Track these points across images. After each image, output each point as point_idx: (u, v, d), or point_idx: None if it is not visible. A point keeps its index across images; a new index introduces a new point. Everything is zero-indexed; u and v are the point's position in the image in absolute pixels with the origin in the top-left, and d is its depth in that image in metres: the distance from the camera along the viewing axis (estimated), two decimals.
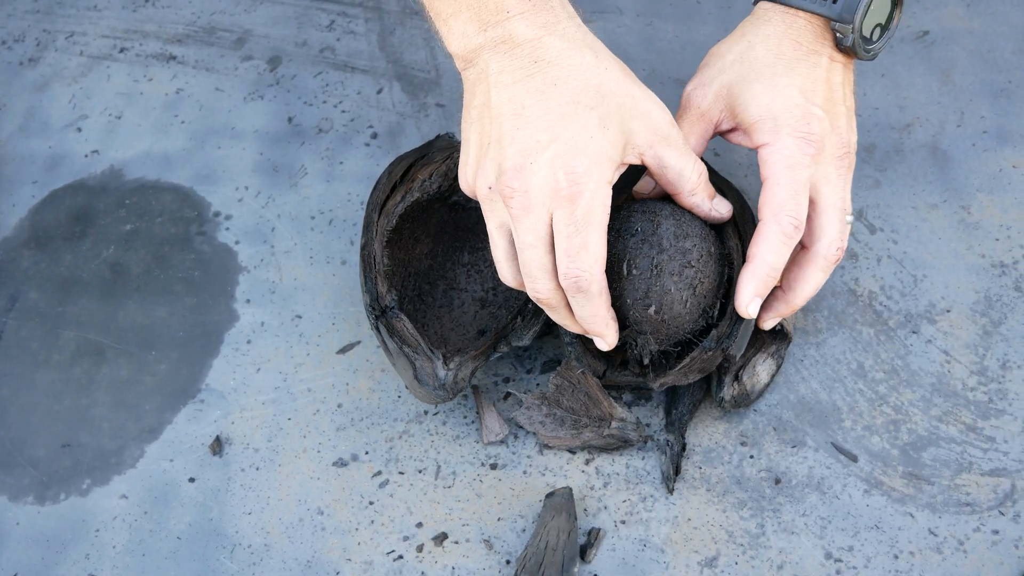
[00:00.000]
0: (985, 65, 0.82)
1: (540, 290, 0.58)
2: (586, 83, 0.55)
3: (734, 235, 0.63)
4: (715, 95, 0.63)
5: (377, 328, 0.63)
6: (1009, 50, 0.83)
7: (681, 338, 0.61)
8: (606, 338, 0.60)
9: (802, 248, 0.61)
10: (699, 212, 0.61)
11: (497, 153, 0.56)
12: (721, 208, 0.61)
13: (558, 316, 0.60)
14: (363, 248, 0.65)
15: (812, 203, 0.60)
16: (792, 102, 0.59)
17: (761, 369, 0.65)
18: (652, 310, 0.59)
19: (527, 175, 0.54)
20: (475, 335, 0.68)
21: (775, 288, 0.62)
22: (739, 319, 0.61)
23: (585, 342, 0.64)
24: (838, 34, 0.60)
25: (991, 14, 0.85)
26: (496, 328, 0.66)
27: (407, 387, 0.64)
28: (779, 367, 0.65)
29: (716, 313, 0.61)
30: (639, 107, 0.56)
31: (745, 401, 0.64)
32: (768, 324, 0.63)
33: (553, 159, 0.54)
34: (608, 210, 0.55)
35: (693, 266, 0.59)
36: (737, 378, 0.64)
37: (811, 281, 0.61)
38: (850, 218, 0.61)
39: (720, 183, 0.67)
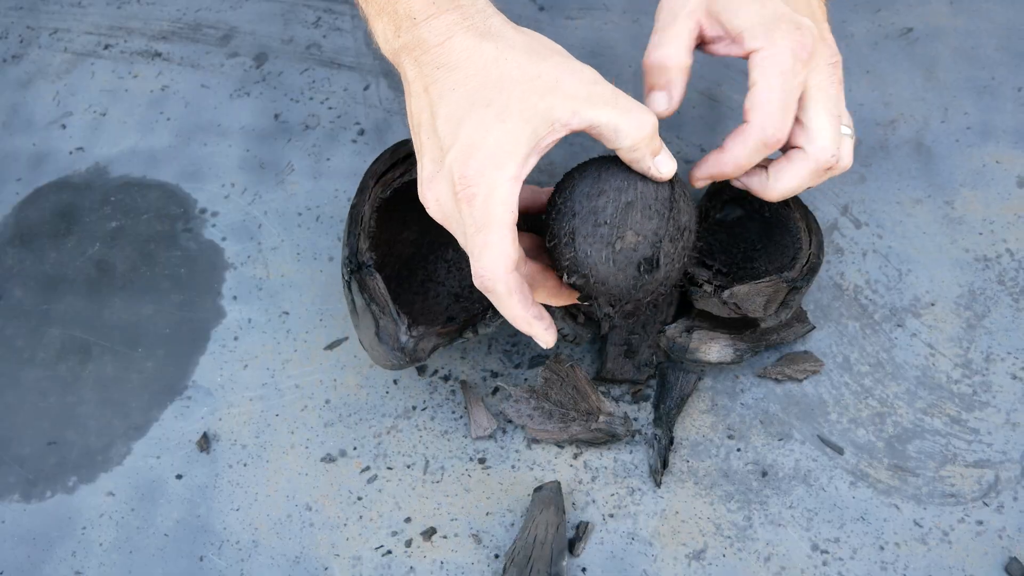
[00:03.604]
0: (968, 62, 0.83)
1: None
2: (484, 81, 0.54)
3: (803, 226, 0.65)
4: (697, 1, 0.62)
5: (348, 285, 0.63)
6: (992, 47, 0.83)
7: (634, 294, 0.58)
8: (537, 338, 0.58)
9: (798, 148, 0.61)
10: (639, 169, 0.58)
11: (419, 166, 0.57)
12: (662, 166, 0.58)
13: None
14: (353, 207, 0.64)
15: (804, 107, 0.59)
16: (780, 11, 0.59)
17: (715, 348, 0.64)
18: (576, 278, 0.57)
19: (436, 185, 0.55)
20: (444, 322, 0.68)
21: (757, 166, 0.62)
22: (811, 275, 0.63)
23: (574, 316, 0.64)
24: None
25: (974, 11, 0.86)
26: (466, 317, 0.65)
27: (364, 347, 0.63)
28: (731, 363, 0.65)
29: (664, 256, 0.57)
30: (545, 83, 0.54)
31: (678, 354, 0.65)
32: (726, 180, 0.64)
33: (451, 165, 0.54)
34: (511, 206, 0.54)
35: (606, 223, 0.56)
36: (690, 330, 0.65)
37: (795, 179, 0.61)
38: (849, 131, 0.61)
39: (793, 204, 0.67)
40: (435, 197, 0.55)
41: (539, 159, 0.55)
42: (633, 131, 0.55)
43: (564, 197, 0.58)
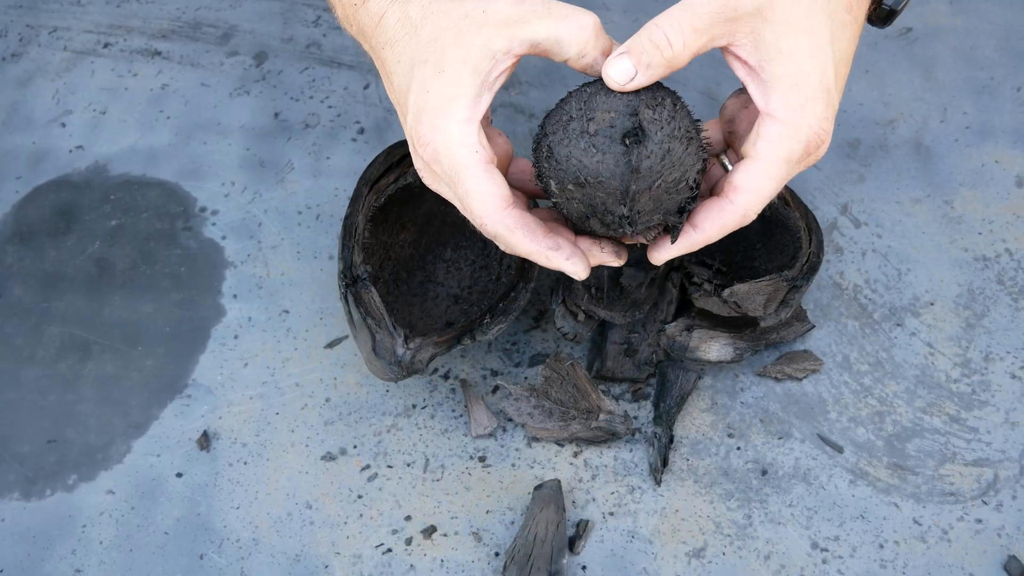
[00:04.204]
0: (967, 62, 0.83)
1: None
2: (418, 42, 0.53)
3: (803, 225, 0.65)
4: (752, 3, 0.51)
5: (345, 297, 0.63)
6: (991, 47, 0.83)
7: (636, 180, 0.51)
8: (564, 270, 0.54)
9: (726, 198, 0.55)
10: (596, 74, 0.53)
11: None
12: (617, 68, 0.51)
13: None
14: (347, 218, 0.65)
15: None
16: (826, 83, 0.52)
17: (715, 346, 0.65)
18: (572, 188, 0.52)
19: (415, 156, 0.55)
20: (442, 327, 0.68)
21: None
22: (811, 274, 0.63)
23: (574, 315, 0.64)
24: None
25: (973, 12, 0.86)
26: (464, 322, 0.65)
27: (363, 359, 0.64)
28: (731, 361, 0.65)
29: (648, 123, 0.51)
30: (474, 19, 0.53)
31: (678, 353, 0.65)
32: (661, 259, 0.57)
33: (411, 135, 0.54)
34: (473, 146, 0.52)
35: (573, 117, 0.52)
36: (690, 329, 0.65)
37: (719, 230, 0.55)
38: None
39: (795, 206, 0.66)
40: (419, 167, 0.55)
41: (493, 95, 0.53)
42: (574, 35, 0.52)
43: (538, 133, 0.55)
